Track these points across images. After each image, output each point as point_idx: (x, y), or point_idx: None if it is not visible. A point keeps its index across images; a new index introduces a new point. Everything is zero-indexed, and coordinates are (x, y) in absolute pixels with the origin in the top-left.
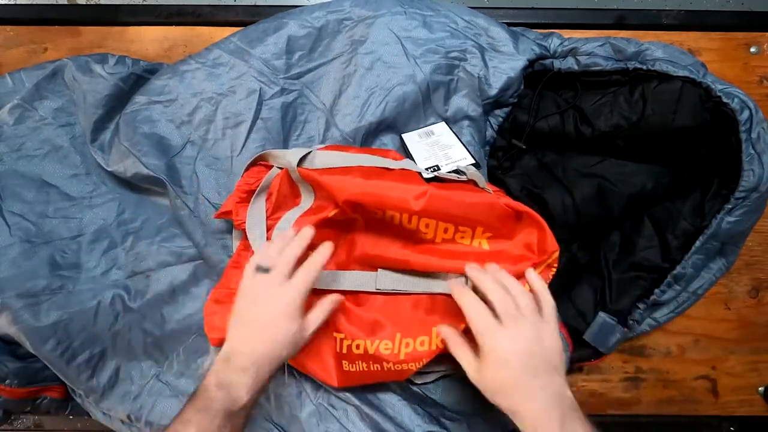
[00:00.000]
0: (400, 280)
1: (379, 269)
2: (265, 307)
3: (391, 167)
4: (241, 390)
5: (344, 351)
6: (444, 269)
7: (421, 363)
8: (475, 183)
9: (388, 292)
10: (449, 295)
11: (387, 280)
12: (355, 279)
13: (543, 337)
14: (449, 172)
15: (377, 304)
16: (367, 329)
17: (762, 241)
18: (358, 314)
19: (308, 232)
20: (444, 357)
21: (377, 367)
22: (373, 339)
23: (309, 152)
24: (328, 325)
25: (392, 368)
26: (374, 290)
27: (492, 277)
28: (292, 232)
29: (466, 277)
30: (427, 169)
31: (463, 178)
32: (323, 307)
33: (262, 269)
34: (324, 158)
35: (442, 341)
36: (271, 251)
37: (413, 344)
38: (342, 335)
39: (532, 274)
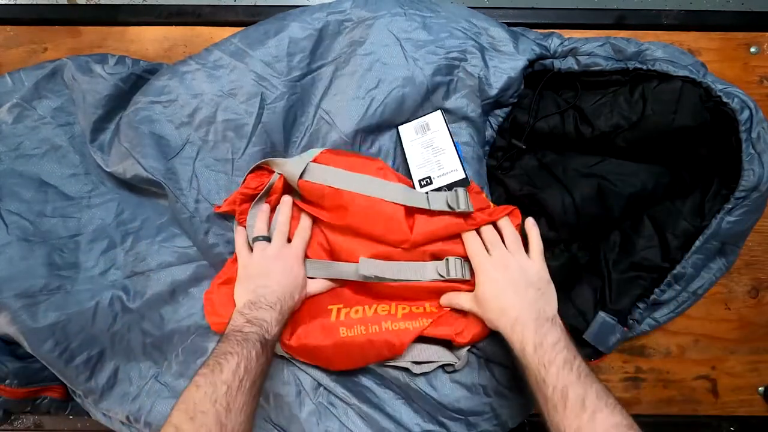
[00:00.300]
0: (381, 267)
1: (360, 257)
2: (277, 261)
3: (386, 198)
4: (271, 323)
5: (342, 318)
6: (421, 252)
7: (418, 321)
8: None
9: (372, 280)
10: (435, 282)
11: (369, 269)
12: (340, 268)
13: (526, 268)
14: (440, 189)
15: (372, 290)
16: (364, 301)
17: (762, 241)
18: (356, 291)
19: (288, 199)
20: (441, 346)
21: (375, 329)
22: (371, 304)
23: (307, 164)
24: (322, 302)
25: (390, 328)
26: (357, 278)
27: (491, 225)
28: (266, 206)
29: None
30: (420, 180)
31: (455, 209)
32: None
33: (263, 238)
34: (323, 174)
35: (438, 307)
36: (261, 224)
37: (410, 308)
38: (339, 305)
39: (529, 223)
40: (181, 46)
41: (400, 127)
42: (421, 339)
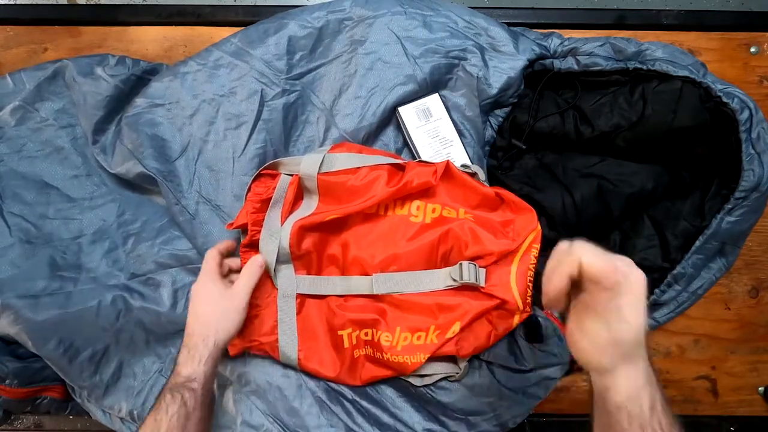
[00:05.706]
0: (394, 280)
1: (374, 274)
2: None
3: (405, 161)
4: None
5: (354, 341)
6: (432, 245)
7: (416, 356)
8: (476, 175)
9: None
10: (443, 291)
11: (382, 284)
12: (353, 284)
13: None
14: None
15: (378, 301)
16: (370, 321)
17: (762, 241)
18: (362, 308)
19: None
20: (443, 359)
21: (380, 356)
22: (377, 329)
23: (323, 157)
24: (332, 325)
25: (391, 359)
26: (372, 293)
27: None
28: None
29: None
30: None
31: (469, 170)
32: (247, 271)
33: None
34: (343, 161)
35: (437, 336)
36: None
37: (411, 338)
38: (349, 330)
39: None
40: (181, 46)
41: (399, 109)
42: None
